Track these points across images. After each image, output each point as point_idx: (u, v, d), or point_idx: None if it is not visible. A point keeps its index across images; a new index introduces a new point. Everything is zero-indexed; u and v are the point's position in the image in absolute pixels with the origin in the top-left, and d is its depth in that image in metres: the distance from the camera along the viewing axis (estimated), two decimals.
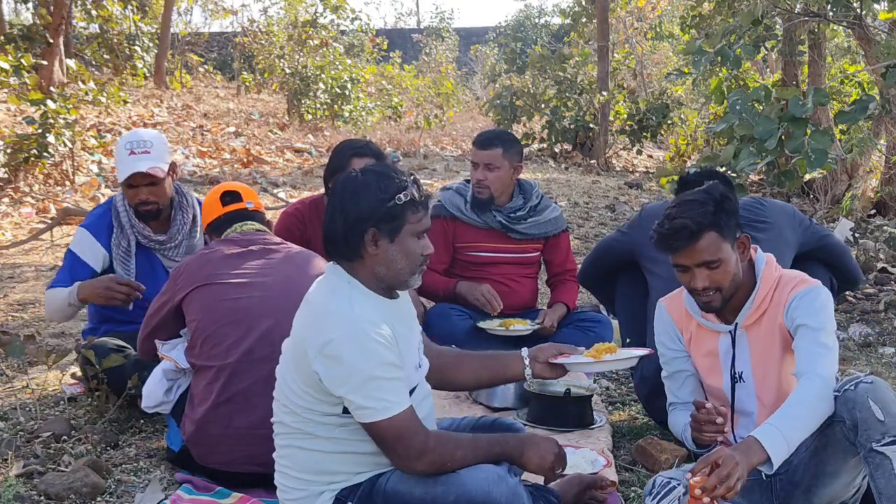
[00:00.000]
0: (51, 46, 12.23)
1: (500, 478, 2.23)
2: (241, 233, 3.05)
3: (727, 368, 2.69)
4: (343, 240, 2.26)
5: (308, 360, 2.19)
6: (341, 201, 2.28)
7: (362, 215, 2.24)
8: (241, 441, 2.80)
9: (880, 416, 2.26)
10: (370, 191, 2.25)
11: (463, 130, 16.84)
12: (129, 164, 3.51)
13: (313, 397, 2.24)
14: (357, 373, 2.15)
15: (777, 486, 2.52)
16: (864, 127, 7.35)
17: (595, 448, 3.17)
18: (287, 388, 2.29)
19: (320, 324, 2.20)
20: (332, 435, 2.27)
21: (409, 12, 61.07)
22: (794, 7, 7.21)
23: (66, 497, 2.80)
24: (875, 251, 6.53)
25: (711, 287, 2.57)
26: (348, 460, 2.30)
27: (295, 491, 2.35)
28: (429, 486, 2.22)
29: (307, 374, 2.21)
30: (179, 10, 19.58)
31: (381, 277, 2.31)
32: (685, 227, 2.52)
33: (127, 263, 3.61)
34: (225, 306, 2.87)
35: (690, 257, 2.55)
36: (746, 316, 2.65)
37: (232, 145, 12.01)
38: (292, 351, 2.29)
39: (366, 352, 2.15)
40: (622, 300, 3.75)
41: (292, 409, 2.29)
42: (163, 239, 3.64)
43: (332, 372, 2.16)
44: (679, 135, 13.73)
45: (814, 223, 3.55)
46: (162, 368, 3.03)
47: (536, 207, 4.26)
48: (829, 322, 2.53)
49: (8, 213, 7.82)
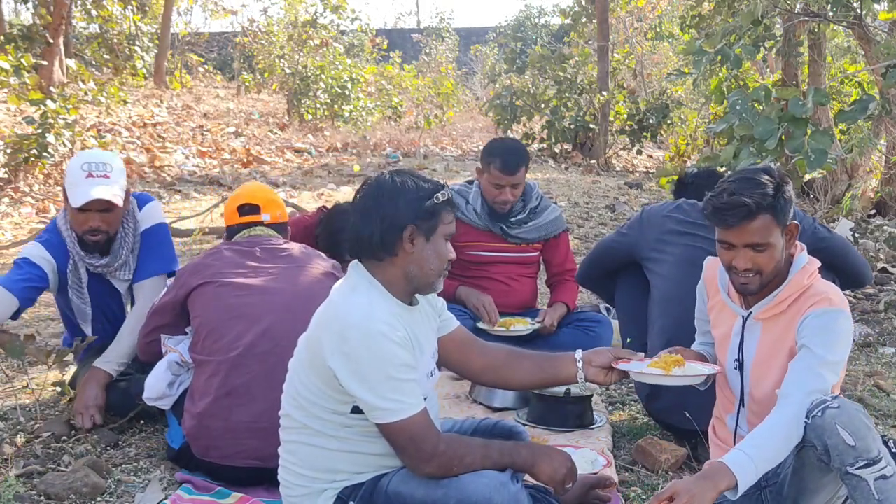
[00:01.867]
0: (51, 46, 12.23)
1: (503, 484, 2.23)
2: (250, 237, 3.07)
3: (733, 352, 2.66)
4: (379, 238, 2.28)
5: (324, 356, 2.20)
6: (377, 200, 2.30)
7: (402, 213, 2.28)
8: (242, 435, 2.81)
9: (850, 442, 2.22)
10: (409, 190, 2.30)
11: (463, 130, 16.84)
12: (86, 188, 3.23)
13: (325, 393, 2.25)
14: (373, 373, 2.16)
15: (767, 497, 2.51)
16: (864, 127, 7.35)
17: (595, 448, 3.17)
18: (299, 382, 2.30)
19: (338, 321, 2.21)
20: (337, 433, 2.28)
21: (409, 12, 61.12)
22: (794, 7, 7.21)
23: (66, 497, 2.80)
24: (875, 251, 6.52)
25: (753, 269, 2.49)
26: (352, 460, 2.30)
27: (298, 487, 2.35)
28: (430, 488, 2.22)
29: (322, 370, 2.22)
30: (179, 10, 19.61)
31: (411, 277, 2.32)
32: (744, 205, 2.42)
33: (81, 293, 3.45)
34: (228, 304, 2.89)
35: (740, 236, 2.46)
36: (764, 309, 2.58)
37: (232, 145, 12.01)
38: (308, 346, 2.30)
39: (383, 352, 2.17)
40: (622, 300, 3.74)
41: (301, 403, 2.29)
42: (106, 262, 3.42)
43: (348, 370, 2.17)
44: (679, 135, 13.72)
45: (816, 223, 3.53)
46: (167, 361, 3.04)
47: (536, 209, 4.26)
48: (838, 351, 2.42)
49: (8, 213, 7.82)
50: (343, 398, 2.23)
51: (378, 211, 2.29)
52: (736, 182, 2.49)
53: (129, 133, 11.43)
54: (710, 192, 2.54)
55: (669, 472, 3.08)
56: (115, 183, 3.30)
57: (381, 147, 13.32)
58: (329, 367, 2.19)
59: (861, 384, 4.07)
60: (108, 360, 3.37)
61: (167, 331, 3.07)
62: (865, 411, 2.35)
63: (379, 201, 2.30)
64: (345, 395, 2.21)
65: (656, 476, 3.06)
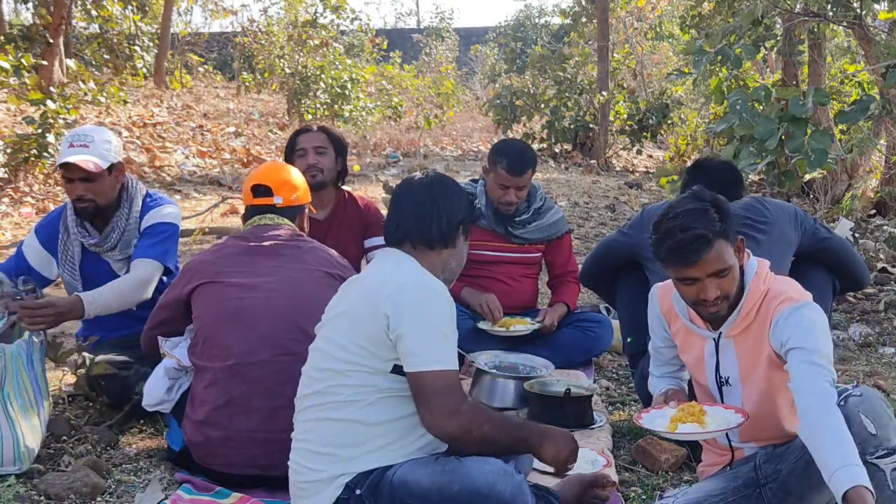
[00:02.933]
0: (51, 46, 12.22)
1: (506, 472, 2.26)
2: (258, 227, 3.05)
3: (712, 373, 2.65)
4: (439, 230, 2.46)
5: (377, 304, 2.29)
6: (431, 196, 2.48)
7: (460, 209, 2.50)
8: (242, 444, 2.80)
9: (872, 430, 2.23)
10: (461, 191, 2.56)
11: (463, 130, 16.85)
12: (63, 155, 3.45)
13: (367, 350, 2.31)
14: (423, 321, 2.28)
15: (768, 494, 2.50)
16: (864, 127, 7.34)
17: (595, 448, 3.17)
18: (336, 350, 2.34)
19: (396, 279, 2.34)
20: (368, 398, 2.31)
21: (409, 12, 61.03)
22: (794, 7, 7.21)
23: (66, 497, 2.80)
24: (875, 251, 6.52)
25: (721, 296, 2.45)
26: (377, 432, 2.32)
27: (311, 472, 2.35)
28: (436, 475, 2.25)
29: (369, 325, 2.30)
30: (179, 10, 19.59)
31: (448, 269, 2.51)
32: (702, 237, 2.37)
33: (73, 270, 3.59)
34: (228, 306, 2.88)
35: (703, 268, 2.40)
36: (732, 326, 2.55)
37: (232, 145, 12.01)
38: (349, 311, 2.37)
39: (435, 305, 2.32)
40: (623, 300, 3.74)
41: (339, 369, 2.33)
42: (96, 241, 3.56)
43: (401, 310, 2.27)
44: (679, 135, 13.72)
45: (818, 223, 3.53)
46: (164, 366, 3.03)
47: (540, 210, 4.27)
48: (822, 342, 2.39)
49: (8, 213, 7.82)
50: (386, 355, 2.30)
51: (434, 205, 2.47)
52: (680, 218, 2.42)
53: (129, 133, 11.43)
54: (655, 234, 2.48)
55: (669, 472, 3.08)
56: (94, 152, 3.44)
57: (381, 147, 13.33)
58: (384, 314, 2.27)
59: (861, 384, 4.07)
60: (89, 299, 3.34)
61: (171, 326, 3.06)
62: (886, 400, 2.37)
63: (434, 197, 2.48)
64: (389, 350, 2.29)
65: (656, 476, 3.06)
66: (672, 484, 3.00)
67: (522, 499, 2.25)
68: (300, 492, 2.40)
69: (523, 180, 4.08)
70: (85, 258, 3.60)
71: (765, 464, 2.53)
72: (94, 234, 3.58)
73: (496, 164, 4.09)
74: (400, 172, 11.12)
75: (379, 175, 10.81)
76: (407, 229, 2.46)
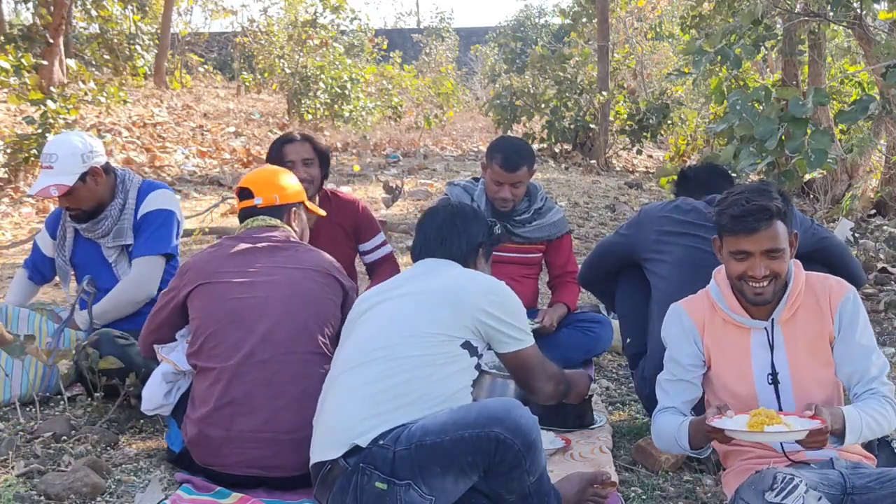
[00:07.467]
0: (51, 46, 12.22)
1: (522, 406, 2.43)
2: (251, 229, 3.06)
3: (762, 367, 2.61)
4: (459, 250, 2.81)
5: (470, 299, 2.61)
6: (452, 221, 2.84)
7: (479, 233, 2.87)
8: (243, 444, 2.80)
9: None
10: (480, 217, 2.93)
11: (463, 130, 16.84)
12: (37, 182, 3.63)
13: (449, 323, 2.59)
14: (517, 312, 2.71)
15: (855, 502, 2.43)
16: (864, 127, 7.35)
17: (595, 448, 3.17)
18: (423, 322, 2.58)
19: (483, 282, 2.71)
20: (446, 355, 2.56)
21: (409, 12, 61.08)
22: (794, 7, 7.21)
23: (66, 497, 2.80)
24: (875, 251, 6.51)
25: (769, 276, 2.50)
26: (444, 386, 2.53)
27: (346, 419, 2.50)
28: (453, 413, 2.43)
29: (457, 312, 2.59)
30: (179, 10, 19.60)
31: None
32: (766, 209, 2.47)
33: (63, 253, 3.82)
34: (227, 306, 2.88)
35: (759, 242, 2.48)
36: (783, 311, 2.59)
37: (232, 145, 12.00)
38: (427, 299, 2.64)
39: (518, 301, 2.75)
40: (622, 300, 3.74)
41: (421, 337, 2.56)
42: (86, 226, 3.72)
43: (500, 309, 2.65)
44: (679, 135, 13.71)
45: (815, 224, 3.54)
46: (161, 371, 3.03)
47: (541, 210, 4.26)
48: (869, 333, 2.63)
49: (8, 213, 7.82)
50: (457, 336, 2.58)
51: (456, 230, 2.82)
52: (747, 192, 2.54)
53: (129, 133, 11.43)
54: (719, 206, 2.55)
55: (669, 472, 3.08)
56: (59, 172, 3.58)
57: (381, 147, 13.32)
58: (482, 309, 2.61)
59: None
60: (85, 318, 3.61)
61: (168, 330, 3.06)
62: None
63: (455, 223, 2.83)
64: (460, 333, 2.58)
65: (656, 476, 3.06)
66: (672, 484, 3.00)
67: (536, 429, 2.40)
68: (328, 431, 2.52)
69: (517, 176, 4.08)
70: (78, 244, 3.78)
71: (851, 475, 2.46)
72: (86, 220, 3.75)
73: (491, 159, 4.10)
74: (400, 172, 11.12)
75: (379, 175, 10.80)
76: (431, 250, 2.80)
